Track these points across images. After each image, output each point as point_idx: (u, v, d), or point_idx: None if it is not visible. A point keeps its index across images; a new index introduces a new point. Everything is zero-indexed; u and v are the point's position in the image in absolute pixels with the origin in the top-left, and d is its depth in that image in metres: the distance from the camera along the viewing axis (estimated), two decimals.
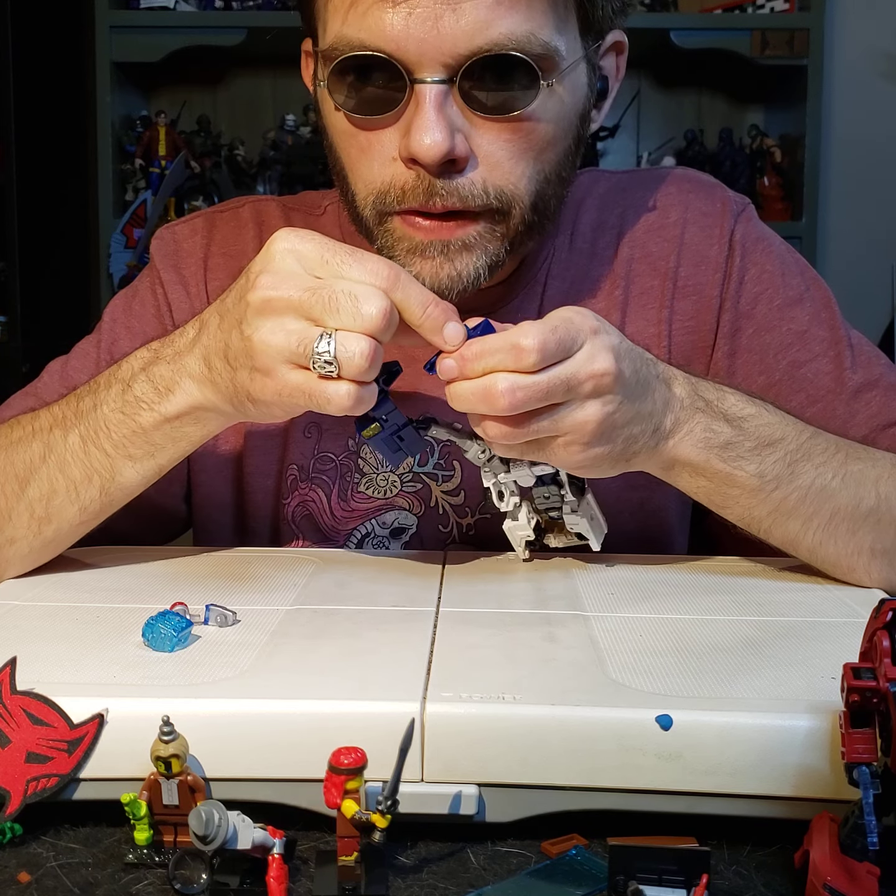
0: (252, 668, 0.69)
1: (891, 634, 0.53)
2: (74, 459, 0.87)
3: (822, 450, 0.87)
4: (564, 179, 0.94)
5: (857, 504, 0.87)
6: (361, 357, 0.74)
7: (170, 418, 0.83)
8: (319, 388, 0.75)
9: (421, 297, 0.76)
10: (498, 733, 0.62)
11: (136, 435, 0.85)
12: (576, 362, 0.76)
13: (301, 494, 1.04)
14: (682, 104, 2.78)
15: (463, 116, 0.85)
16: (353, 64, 0.85)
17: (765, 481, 0.84)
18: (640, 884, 0.53)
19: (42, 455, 0.88)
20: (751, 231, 1.05)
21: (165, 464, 0.87)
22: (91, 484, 0.87)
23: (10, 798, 0.62)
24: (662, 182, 1.07)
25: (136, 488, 0.89)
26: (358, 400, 0.75)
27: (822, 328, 1.02)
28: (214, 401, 0.82)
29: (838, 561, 0.88)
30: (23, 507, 0.88)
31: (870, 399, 1.00)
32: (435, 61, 0.82)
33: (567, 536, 0.92)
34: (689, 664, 0.69)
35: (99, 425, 0.86)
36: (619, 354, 0.78)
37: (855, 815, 0.53)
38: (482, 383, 0.75)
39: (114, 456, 0.86)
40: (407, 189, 0.86)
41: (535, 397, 0.75)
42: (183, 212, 2.59)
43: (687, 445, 0.83)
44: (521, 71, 0.84)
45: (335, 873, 0.57)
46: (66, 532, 0.90)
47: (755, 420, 0.85)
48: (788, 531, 0.87)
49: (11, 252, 2.84)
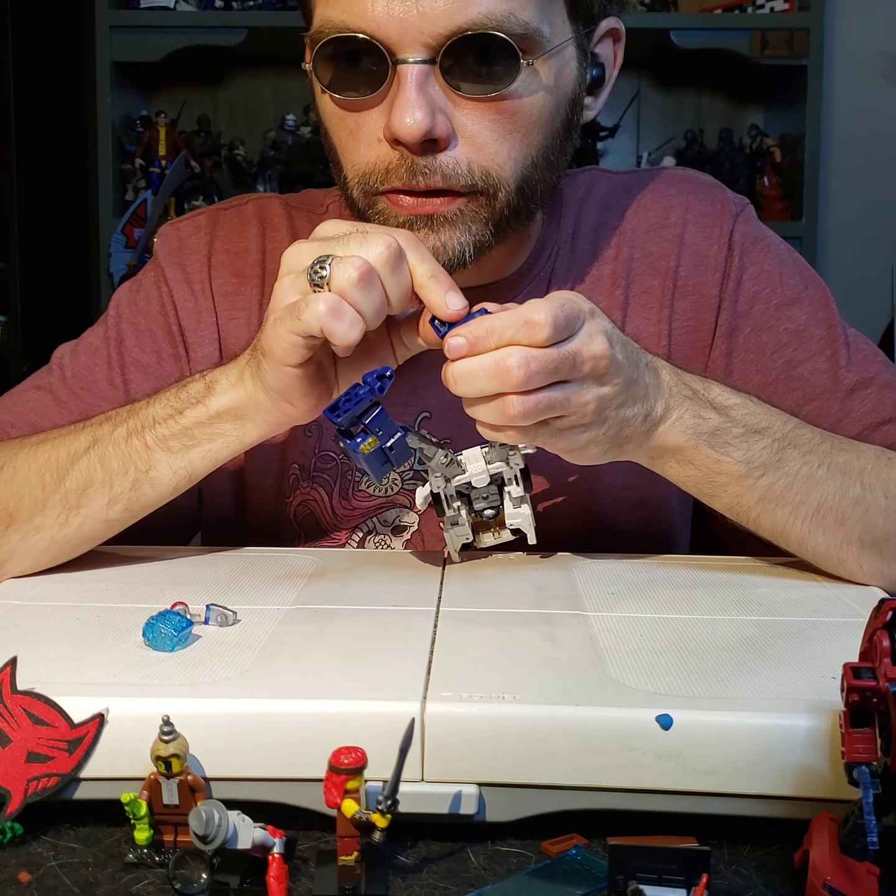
0: (252, 668, 0.69)
1: (891, 634, 0.53)
2: (115, 450, 0.89)
3: (807, 440, 0.88)
4: (553, 164, 0.94)
5: (844, 493, 0.87)
6: (354, 269, 0.77)
7: (212, 413, 0.87)
8: (302, 299, 0.78)
9: (433, 263, 0.81)
10: (498, 733, 0.62)
11: (178, 426, 0.87)
12: (579, 340, 0.77)
13: (303, 493, 1.05)
14: (682, 104, 2.78)
15: (445, 97, 0.86)
16: (336, 46, 0.87)
17: (752, 468, 0.85)
18: (640, 884, 0.53)
19: (87, 446, 0.90)
20: (749, 231, 1.05)
21: (197, 465, 0.89)
22: (126, 476, 0.89)
23: (11, 797, 0.62)
24: (663, 183, 1.08)
25: (164, 488, 0.90)
26: (335, 310, 0.77)
27: (819, 327, 1.03)
28: (249, 388, 0.85)
29: (828, 552, 0.89)
30: (58, 496, 0.90)
31: (864, 397, 1.00)
32: (415, 41, 0.83)
33: (497, 534, 0.92)
34: (689, 664, 0.69)
35: (147, 420, 0.89)
36: (612, 339, 0.80)
37: (855, 815, 0.53)
38: (494, 358, 0.75)
39: (153, 447, 0.88)
40: (391, 169, 0.87)
41: (547, 369, 0.76)
42: (183, 212, 2.58)
43: (676, 431, 0.84)
44: (501, 50, 0.85)
45: (335, 873, 0.57)
46: (88, 529, 0.91)
47: (741, 409, 0.86)
48: (777, 520, 0.88)
49: (11, 252, 2.84)
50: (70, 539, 0.91)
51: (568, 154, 0.96)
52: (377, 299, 0.79)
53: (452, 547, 0.92)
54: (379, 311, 0.79)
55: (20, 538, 0.90)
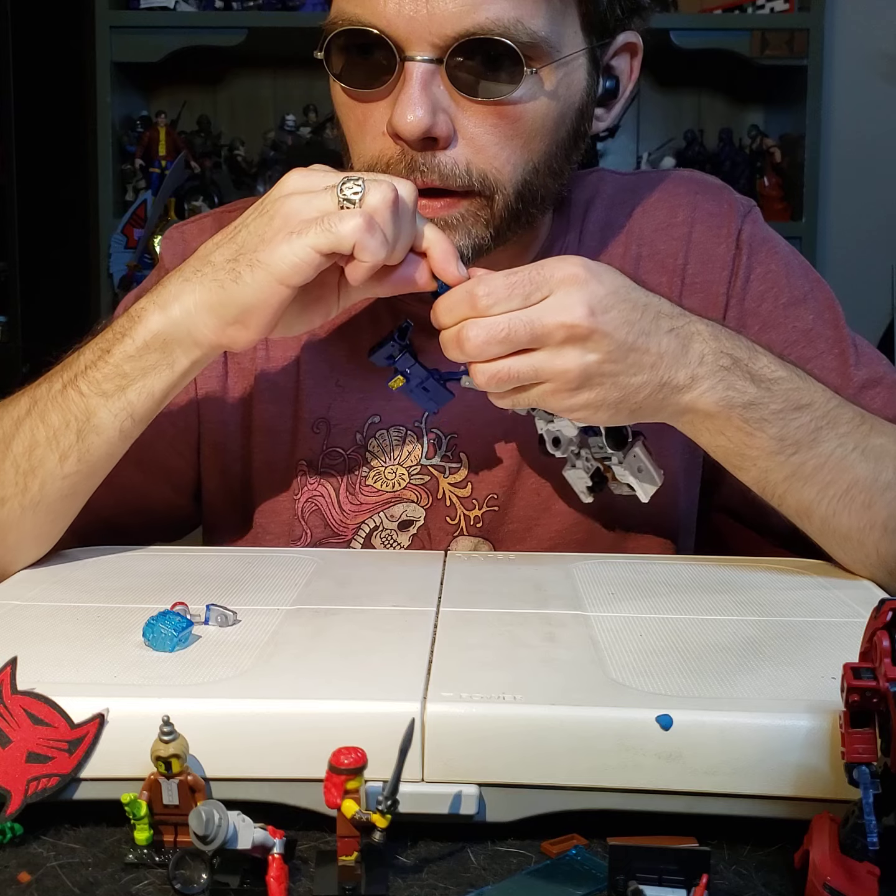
0: (252, 668, 0.69)
1: (891, 634, 0.53)
2: (54, 406, 0.88)
3: (847, 419, 0.88)
4: (556, 172, 0.94)
5: (876, 477, 0.87)
6: (390, 191, 0.79)
7: (139, 345, 0.85)
8: (333, 213, 0.78)
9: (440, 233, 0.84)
10: (498, 733, 0.62)
11: (108, 367, 0.86)
12: (540, 309, 0.79)
13: (310, 490, 1.05)
14: (682, 104, 2.78)
15: (450, 97, 0.87)
16: (348, 38, 0.88)
17: (784, 444, 0.85)
18: (640, 884, 0.53)
19: (28, 408, 0.89)
20: (757, 231, 1.06)
21: (136, 404, 0.86)
22: (69, 429, 0.87)
23: (11, 798, 0.62)
24: (671, 183, 1.09)
25: (109, 434, 0.87)
26: (364, 230, 0.77)
27: (826, 327, 1.03)
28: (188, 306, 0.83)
29: (850, 534, 0.89)
30: (8, 464, 0.89)
31: (874, 395, 1.00)
32: (423, 40, 0.84)
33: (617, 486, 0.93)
34: (689, 664, 0.70)
35: (79, 368, 0.87)
36: (601, 307, 0.79)
37: (855, 815, 0.53)
38: (454, 331, 0.80)
39: (88, 395, 0.86)
40: (391, 163, 0.88)
41: (495, 337, 0.78)
42: (183, 212, 2.59)
43: (708, 402, 0.83)
44: (506, 57, 0.85)
45: (335, 873, 0.57)
46: (51, 488, 0.89)
47: (785, 383, 0.85)
48: (803, 498, 0.88)
49: (11, 252, 2.84)
50: (38, 502, 0.89)
51: (573, 163, 0.97)
52: (401, 229, 0.80)
53: (577, 489, 0.95)
54: (400, 243, 0.81)
55: None
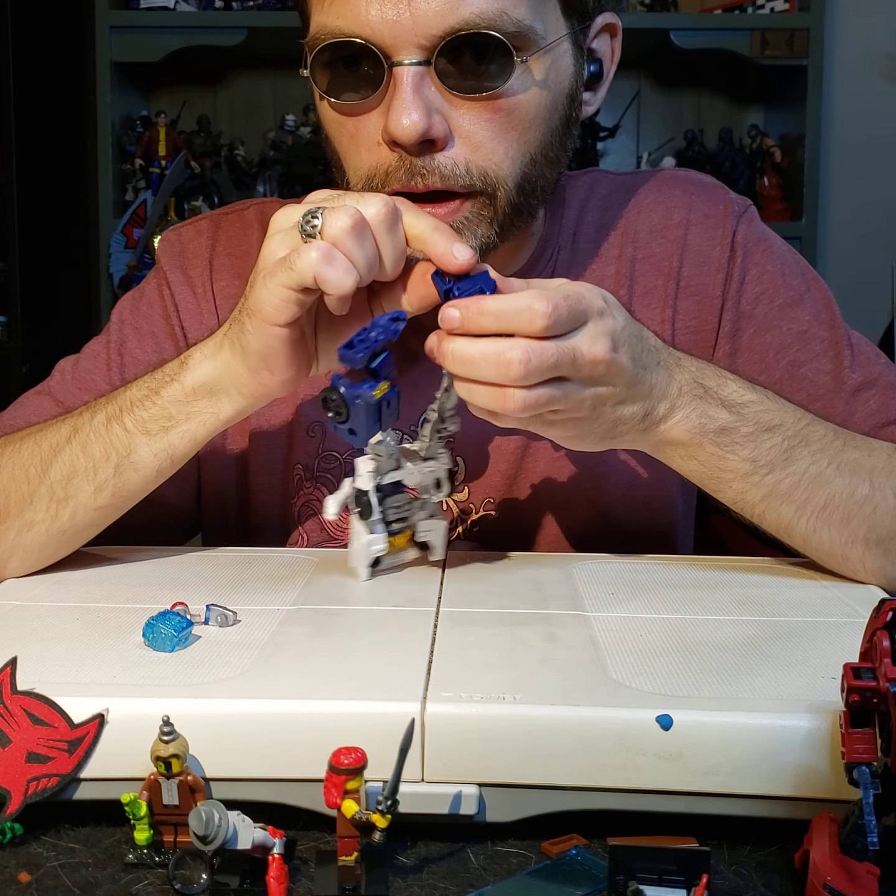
0: (252, 668, 0.69)
1: (891, 634, 0.53)
2: (97, 437, 0.89)
3: (819, 437, 0.88)
4: (553, 160, 0.94)
5: (852, 492, 0.87)
6: (347, 216, 0.77)
7: (187, 391, 0.86)
8: (295, 250, 0.78)
9: (433, 220, 0.81)
10: (498, 733, 0.62)
11: (155, 407, 0.87)
12: (578, 340, 0.76)
13: (306, 494, 1.05)
14: (682, 104, 2.78)
15: (442, 97, 0.86)
16: (332, 51, 0.87)
17: (758, 465, 0.85)
18: (640, 884, 0.53)
19: (68, 436, 0.90)
20: (752, 232, 1.06)
21: (177, 446, 0.88)
22: (108, 462, 0.88)
23: (11, 798, 0.62)
24: (665, 184, 1.08)
25: (147, 472, 0.89)
26: (328, 257, 0.76)
27: (822, 328, 1.03)
28: (227, 358, 0.84)
29: (832, 550, 0.89)
30: (44, 489, 0.90)
31: (869, 398, 1.00)
32: (410, 43, 0.84)
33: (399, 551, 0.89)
34: (689, 664, 0.70)
35: (125, 403, 0.88)
36: (619, 341, 0.79)
37: (855, 815, 0.53)
38: (496, 348, 0.74)
39: (132, 431, 0.88)
40: (390, 171, 0.88)
41: (546, 364, 0.75)
42: (183, 212, 2.59)
43: (681, 430, 0.84)
44: (495, 49, 0.85)
45: (335, 873, 0.57)
46: (81, 519, 0.90)
47: (755, 406, 0.86)
48: (782, 517, 0.88)
49: (11, 252, 2.83)
50: (65, 530, 0.91)
51: (568, 150, 0.96)
52: (370, 250, 0.78)
53: (362, 564, 0.86)
54: (371, 264, 0.79)
55: (15, 535, 0.91)
